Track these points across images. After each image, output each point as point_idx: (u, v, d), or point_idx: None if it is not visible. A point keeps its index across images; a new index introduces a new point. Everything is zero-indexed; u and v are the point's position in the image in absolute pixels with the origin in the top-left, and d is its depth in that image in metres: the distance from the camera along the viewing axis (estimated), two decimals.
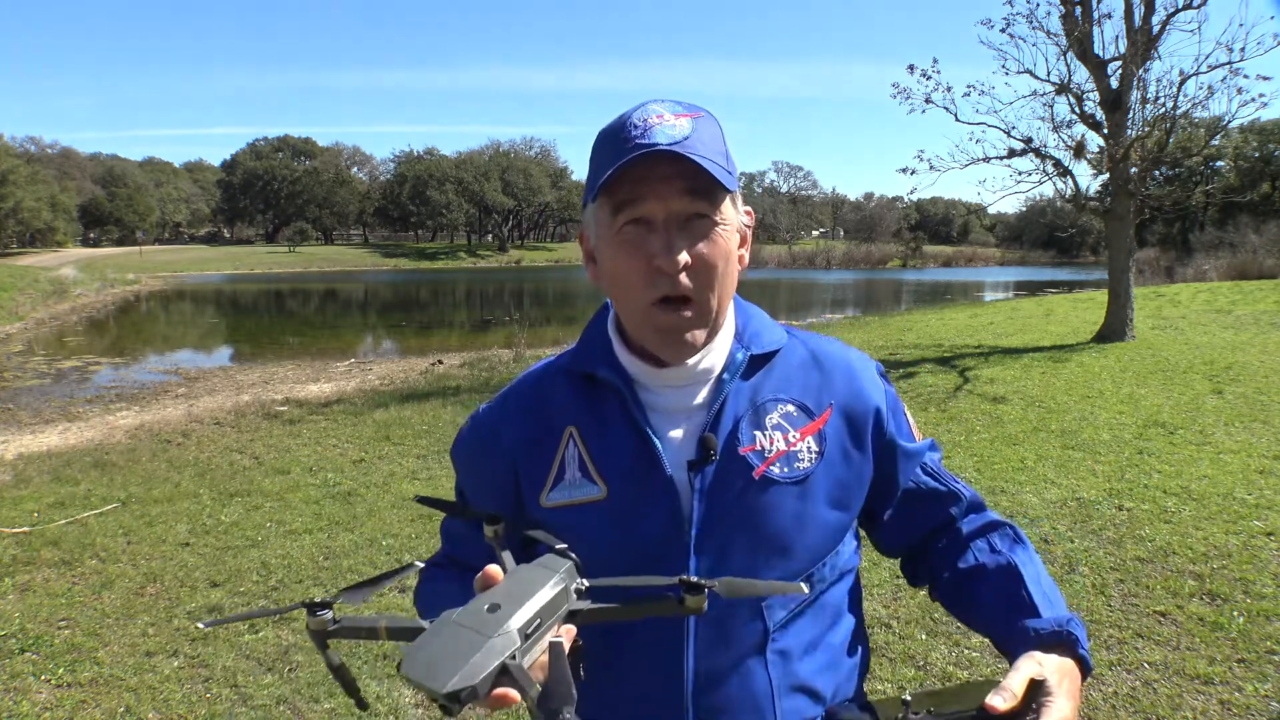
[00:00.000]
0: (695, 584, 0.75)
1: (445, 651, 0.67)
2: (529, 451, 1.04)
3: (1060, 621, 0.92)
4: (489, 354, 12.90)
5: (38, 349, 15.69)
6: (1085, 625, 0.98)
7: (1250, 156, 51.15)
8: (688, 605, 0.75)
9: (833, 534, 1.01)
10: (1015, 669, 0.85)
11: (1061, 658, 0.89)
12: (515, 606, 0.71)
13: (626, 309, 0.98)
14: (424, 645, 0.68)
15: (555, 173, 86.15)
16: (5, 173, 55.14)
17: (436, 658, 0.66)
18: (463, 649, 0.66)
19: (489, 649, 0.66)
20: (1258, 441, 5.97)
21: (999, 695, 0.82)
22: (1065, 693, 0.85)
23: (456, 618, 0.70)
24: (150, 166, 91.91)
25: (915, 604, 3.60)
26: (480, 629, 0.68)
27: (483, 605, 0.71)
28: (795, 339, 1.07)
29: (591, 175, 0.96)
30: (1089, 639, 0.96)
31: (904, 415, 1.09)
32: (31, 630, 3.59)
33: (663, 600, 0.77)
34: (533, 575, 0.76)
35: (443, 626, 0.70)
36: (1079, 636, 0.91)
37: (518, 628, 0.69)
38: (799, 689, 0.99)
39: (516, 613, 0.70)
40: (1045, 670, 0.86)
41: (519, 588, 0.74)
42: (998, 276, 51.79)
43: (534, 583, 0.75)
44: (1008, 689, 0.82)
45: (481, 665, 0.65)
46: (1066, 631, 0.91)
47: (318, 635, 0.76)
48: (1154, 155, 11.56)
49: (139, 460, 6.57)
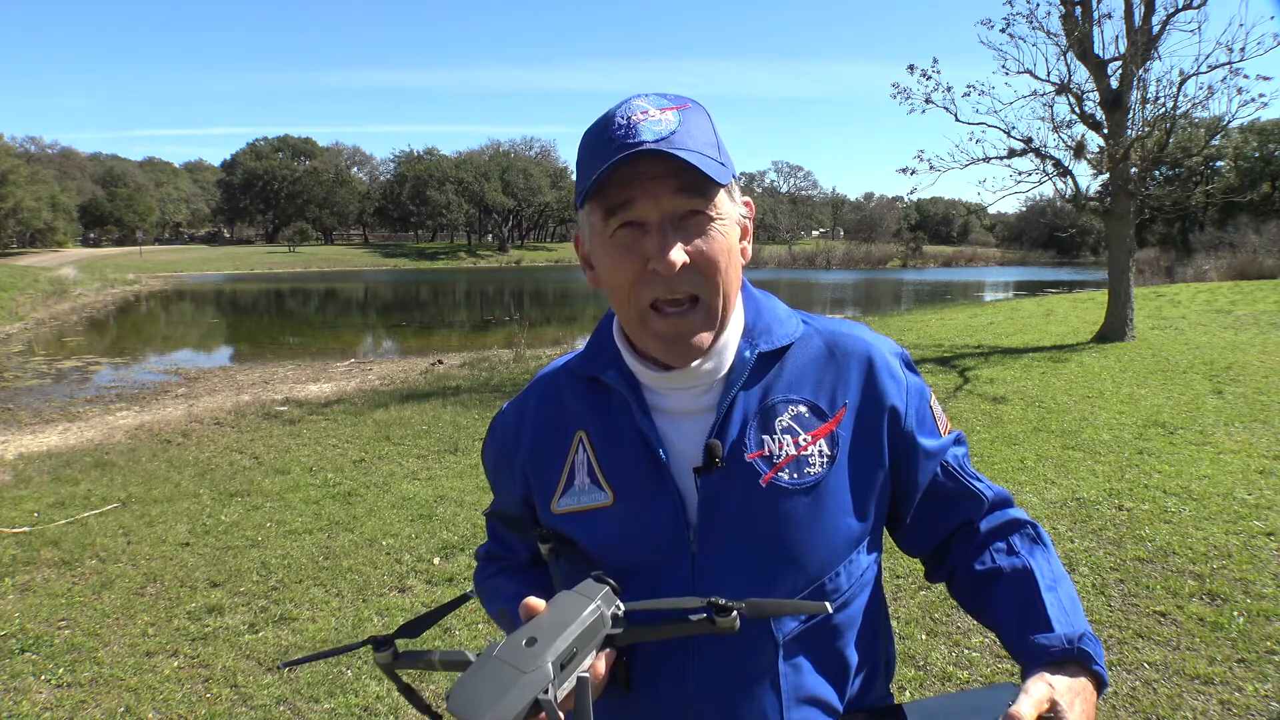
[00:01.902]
0: (724, 606, 0.80)
1: (485, 687, 0.73)
2: (540, 457, 1.03)
3: (1072, 639, 0.88)
4: (489, 354, 12.89)
5: (38, 349, 15.69)
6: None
7: (1250, 156, 51.14)
8: (719, 625, 0.81)
9: (846, 543, 0.96)
10: (1025, 692, 0.82)
11: (1074, 677, 0.85)
12: (551, 639, 0.76)
13: (624, 315, 0.95)
14: (467, 681, 0.74)
15: (555, 173, 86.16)
16: (5, 173, 55.17)
17: (477, 693, 0.72)
18: (501, 685, 0.73)
19: (524, 685, 0.72)
20: (1258, 441, 5.97)
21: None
22: (1078, 714, 0.82)
23: (498, 652, 0.76)
24: (150, 166, 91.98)
25: (915, 604, 3.60)
26: (518, 665, 0.74)
27: (521, 639, 0.77)
28: (811, 329, 1.02)
29: (580, 178, 0.93)
30: None
31: (929, 408, 1.03)
32: (31, 630, 3.59)
33: (694, 621, 0.82)
34: (571, 605, 0.81)
35: (485, 661, 0.76)
36: (1092, 653, 0.87)
37: (552, 660, 0.74)
38: (809, 700, 0.96)
39: (551, 646, 0.75)
40: (1056, 692, 0.82)
41: (557, 618, 0.79)
42: (998, 276, 51.81)
43: (571, 613, 0.80)
44: (1016, 717, 0.79)
45: (516, 701, 0.71)
46: (1079, 649, 0.87)
47: (385, 668, 0.87)
48: (1154, 155, 11.57)
49: (139, 460, 6.57)
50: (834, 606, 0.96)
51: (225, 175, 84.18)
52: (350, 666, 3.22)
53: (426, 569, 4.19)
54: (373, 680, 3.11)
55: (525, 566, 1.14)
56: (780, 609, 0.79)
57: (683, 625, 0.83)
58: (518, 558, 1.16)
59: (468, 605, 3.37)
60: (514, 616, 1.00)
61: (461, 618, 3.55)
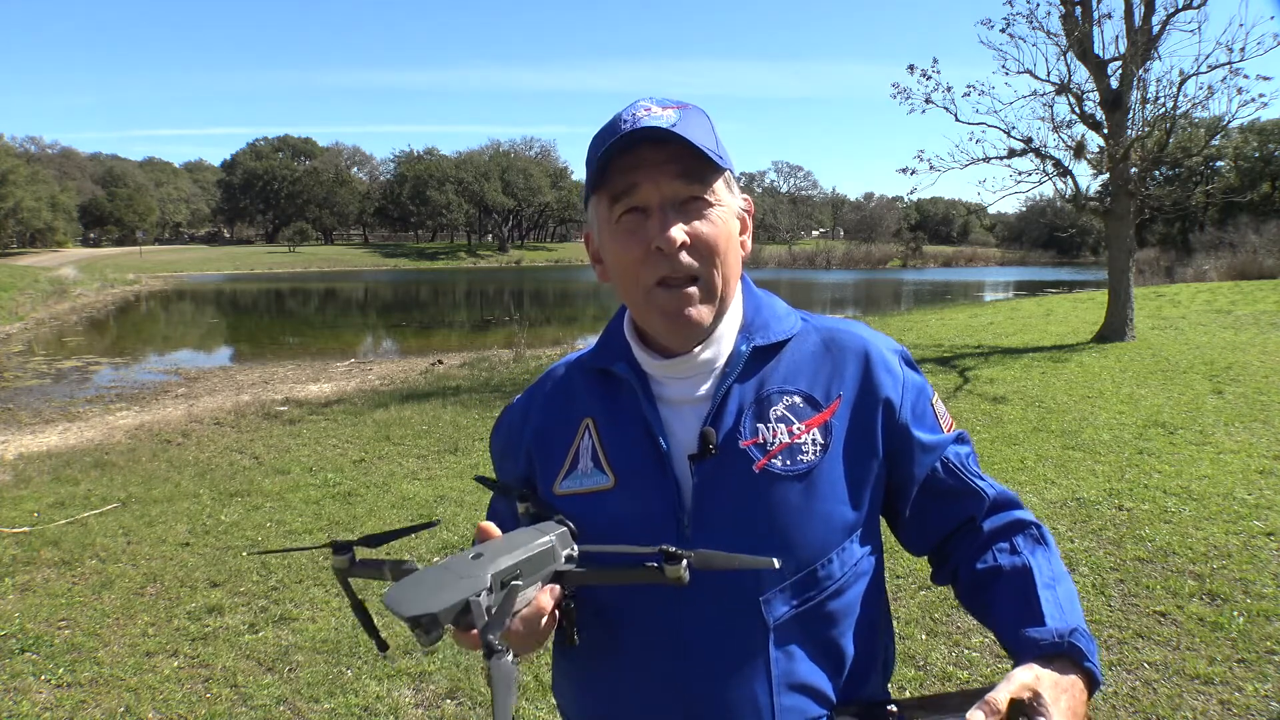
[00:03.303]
0: (673, 554, 0.81)
1: (422, 587, 0.75)
2: (546, 441, 1.07)
3: (1062, 633, 0.87)
4: (489, 354, 12.89)
5: (38, 349, 15.69)
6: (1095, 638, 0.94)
7: (1250, 156, 51.12)
8: (668, 574, 0.81)
9: (837, 530, 0.98)
10: (1008, 679, 0.82)
11: (1063, 673, 0.84)
12: (496, 556, 0.79)
13: (631, 297, 0.99)
14: (409, 581, 0.77)
15: (555, 173, 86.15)
16: (5, 173, 55.17)
17: (413, 591, 0.75)
18: (436, 585, 0.75)
19: (457, 587, 0.74)
20: (1258, 441, 5.97)
21: (980, 709, 0.78)
22: (1063, 710, 0.80)
23: (444, 562, 0.78)
24: (150, 166, 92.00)
25: (915, 604, 3.61)
26: (458, 571, 0.77)
27: (469, 554, 0.79)
28: (810, 326, 1.05)
29: (588, 173, 0.98)
30: None
31: (929, 405, 1.04)
32: (31, 630, 3.59)
33: (644, 568, 0.82)
34: (524, 534, 0.84)
35: (430, 569, 0.78)
36: (1083, 648, 0.86)
37: (491, 573, 0.76)
38: (799, 688, 0.97)
39: (495, 561, 0.78)
40: (1042, 685, 0.81)
41: (507, 543, 0.82)
42: (998, 276, 51.80)
43: (522, 540, 0.82)
44: (991, 702, 0.78)
45: (446, 599, 0.73)
46: (1068, 643, 0.86)
47: (340, 573, 0.90)
48: (1154, 155, 11.57)
49: (139, 460, 6.57)
50: (828, 595, 0.98)
51: (225, 175, 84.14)
52: (350, 666, 3.22)
53: None
54: (373, 680, 3.11)
55: None
56: (728, 562, 0.81)
57: (631, 572, 0.84)
58: None
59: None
60: None
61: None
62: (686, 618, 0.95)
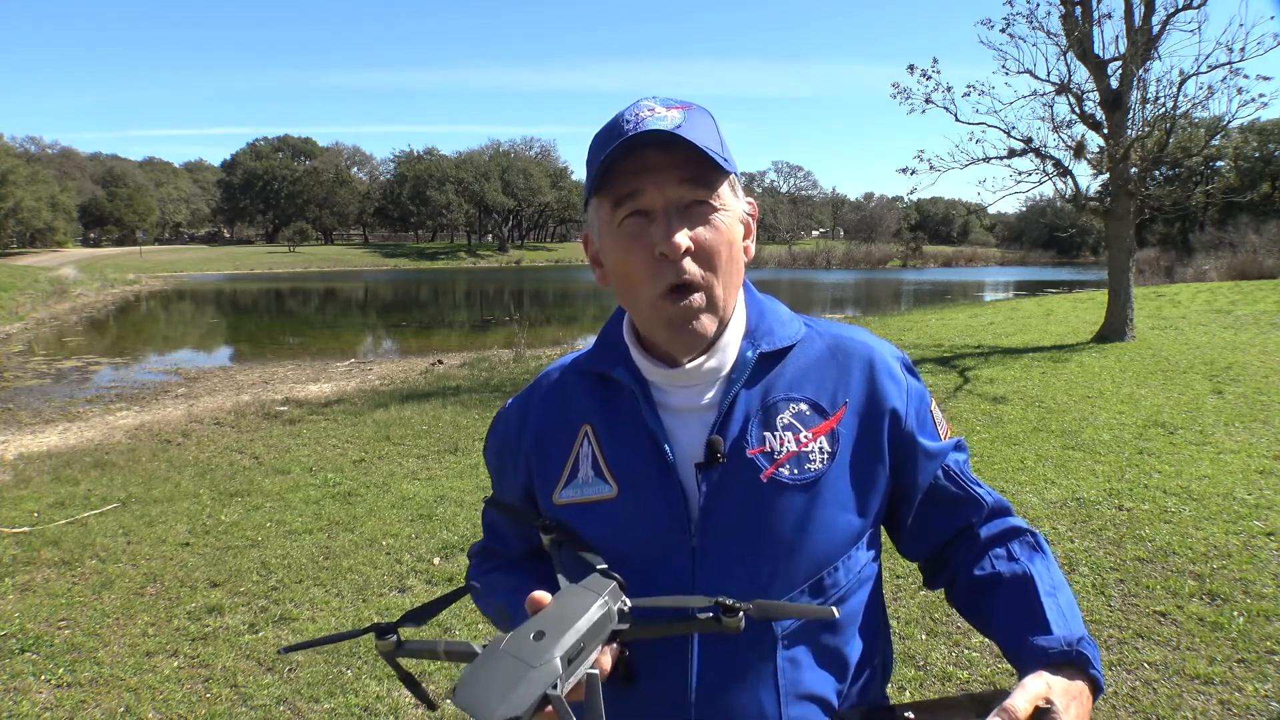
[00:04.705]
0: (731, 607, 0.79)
1: (492, 681, 0.71)
2: (544, 448, 1.04)
3: (1070, 641, 0.88)
4: (489, 354, 12.89)
5: (38, 349, 15.69)
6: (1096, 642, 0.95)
7: (1250, 156, 51.12)
8: (725, 626, 0.80)
9: (845, 539, 0.97)
10: (1021, 687, 0.82)
11: (1070, 679, 0.86)
12: (559, 634, 0.75)
13: (635, 305, 0.97)
14: (474, 674, 0.73)
15: (555, 173, 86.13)
16: (5, 173, 55.15)
17: (485, 688, 0.71)
18: (509, 679, 0.71)
19: (532, 680, 0.70)
20: (1258, 441, 5.97)
21: (1000, 716, 0.79)
22: (1073, 717, 0.82)
23: (505, 646, 0.74)
24: (150, 166, 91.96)
25: (915, 604, 3.61)
26: (526, 659, 0.72)
27: (529, 633, 0.75)
28: (814, 331, 1.04)
29: (589, 174, 0.96)
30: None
31: (930, 412, 1.05)
32: (31, 630, 3.59)
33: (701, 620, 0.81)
34: (577, 600, 0.80)
35: (492, 654, 0.74)
36: (1090, 656, 0.88)
37: (560, 655, 0.73)
38: (807, 697, 0.96)
39: (560, 640, 0.74)
40: (1053, 693, 0.83)
41: (564, 613, 0.78)
42: (998, 276, 51.80)
43: (578, 608, 0.78)
44: (1011, 710, 0.79)
45: (525, 696, 0.69)
46: (1077, 652, 0.87)
47: (387, 655, 0.84)
48: (1154, 155, 11.57)
49: (139, 460, 6.57)
50: (833, 601, 0.97)
51: (225, 175, 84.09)
52: (350, 666, 3.22)
53: (426, 569, 4.19)
54: (373, 680, 3.11)
55: (520, 561, 1.15)
56: (786, 612, 0.80)
57: (688, 623, 0.82)
58: (512, 551, 1.16)
59: (467, 604, 3.39)
60: (512, 612, 1.00)
61: (460, 616, 3.56)
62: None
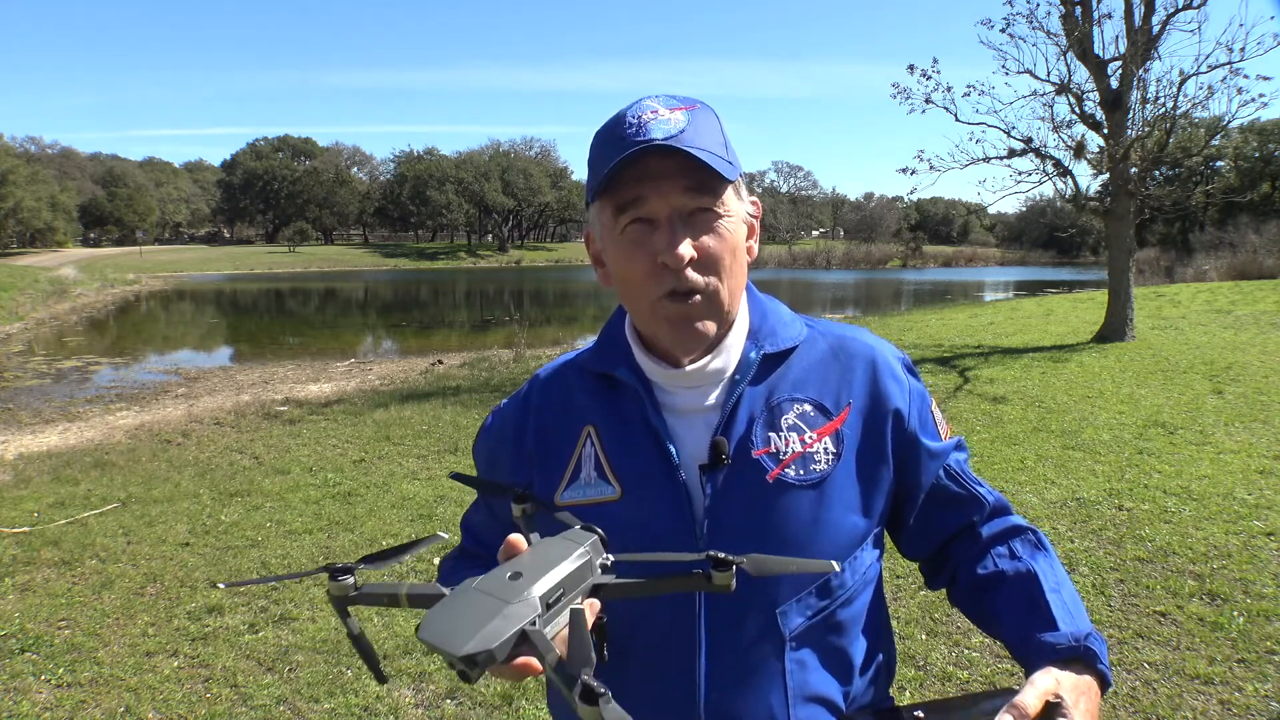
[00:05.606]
0: (724, 560, 0.72)
1: (464, 616, 0.66)
2: (546, 449, 1.03)
3: (1078, 636, 0.88)
4: (489, 354, 12.89)
5: (38, 349, 15.69)
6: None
7: (1250, 156, 51.12)
8: (715, 582, 0.73)
9: (850, 539, 0.97)
10: (1030, 684, 0.82)
11: (1079, 675, 0.86)
12: (537, 575, 0.70)
13: (636, 307, 0.97)
14: (443, 610, 0.68)
15: (555, 173, 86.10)
16: (5, 173, 55.16)
17: (455, 622, 0.65)
18: (482, 614, 0.66)
19: (508, 615, 0.65)
20: (1258, 441, 5.97)
21: (1010, 713, 0.79)
22: (1083, 712, 0.82)
23: (478, 584, 0.69)
24: (150, 166, 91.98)
25: (915, 604, 3.61)
26: (501, 595, 0.67)
27: (505, 573, 0.70)
28: (816, 332, 1.04)
29: (591, 176, 0.95)
30: None
31: (931, 412, 1.05)
32: (31, 630, 3.59)
33: (689, 575, 0.75)
34: (557, 547, 0.75)
35: (464, 593, 0.69)
36: (1098, 651, 0.88)
37: (539, 595, 0.68)
38: (814, 699, 0.96)
39: (538, 581, 0.69)
40: (1062, 688, 0.83)
41: (542, 558, 0.73)
42: (998, 276, 51.79)
43: (557, 554, 0.74)
44: (1021, 706, 0.79)
45: (500, 630, 0.64)
46: (1085, 647, 0.88)
47: (339, 601, 0.76)
48: (1154, 155, 11.57)
49: (139, 460, 6.57)
50: (839, 603, 0.97)
51: (225, 175, 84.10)
52: (350, 666, 3.22)
53: (426, 569, 4.19)
54: (372, 680, 3.11)
55: None
56: (784, 567, 0.75)
57: (675, 580, 0.76)
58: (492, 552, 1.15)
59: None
60: None
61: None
62: (702, 629, 0.94)
